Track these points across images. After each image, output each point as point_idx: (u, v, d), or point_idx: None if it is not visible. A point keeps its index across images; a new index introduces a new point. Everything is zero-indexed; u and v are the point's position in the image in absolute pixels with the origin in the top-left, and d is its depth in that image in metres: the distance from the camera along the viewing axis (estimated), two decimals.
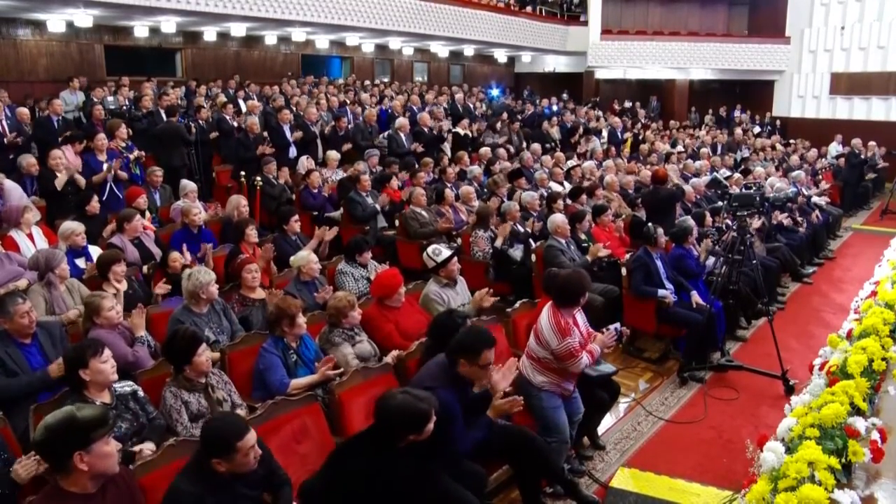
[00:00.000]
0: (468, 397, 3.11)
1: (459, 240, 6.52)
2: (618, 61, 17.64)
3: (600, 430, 4.30)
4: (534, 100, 15.88)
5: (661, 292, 5.30)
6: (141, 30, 11.95)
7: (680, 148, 11.76)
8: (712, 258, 5.86)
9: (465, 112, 12.09)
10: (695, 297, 5.37)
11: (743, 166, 10.99)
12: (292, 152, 8.71)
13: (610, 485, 3.76)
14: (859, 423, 2.25)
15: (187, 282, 3.97)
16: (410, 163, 8.59)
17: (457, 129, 10.68)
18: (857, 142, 12.53)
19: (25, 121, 7.70)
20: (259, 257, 4.91)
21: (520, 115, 13.71)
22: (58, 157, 6.09)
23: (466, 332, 3.16)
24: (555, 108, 14.93)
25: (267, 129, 8.70)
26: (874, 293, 3.70)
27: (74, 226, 4.89)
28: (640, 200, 7.46)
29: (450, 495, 2.79)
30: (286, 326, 3.62)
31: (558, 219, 5.98)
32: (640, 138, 13.20)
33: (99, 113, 8.41)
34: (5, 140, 7.07)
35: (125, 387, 3.10)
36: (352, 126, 9.60)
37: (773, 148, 13.08)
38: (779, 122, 16.92)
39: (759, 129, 16.08)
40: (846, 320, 3.52)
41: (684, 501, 3.60)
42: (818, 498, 1.84)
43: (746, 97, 18.05)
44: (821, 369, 2.90)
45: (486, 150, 9.72)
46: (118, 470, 2.29)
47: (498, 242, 6.13)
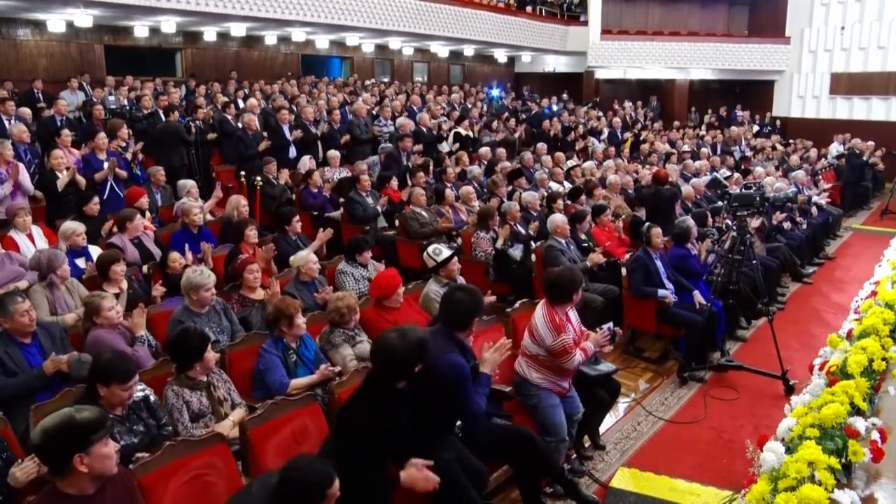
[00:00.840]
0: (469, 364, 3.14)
1: (460, 240, 6.52)
2: (618, 61, 17.64)
3: (600, 430, 4.30)
4: (534, 100, 15.88)
5: (662, 292, 5.30)
6: (141, 30, 11.96)
7: (686, 147, 11.75)
8: (713, 256, 5.86)
9: (463, 112, 12.08)
10: (697, 297, 5.38)
11: (743, 166, 10.99)
12: (292, 152, 8.71)
13: (610, 485, 3.76)
14: (859, 423, 2.24)
15: (183, 280, 3.97)
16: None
17: (458, 129, 10.68)
18: (856, 142, 12.54)
19: (27, 121, 7.69)
20: (259, 257, 4.91)
21: (525, 115, 13.70)
22: (59, 157, 6.09)
23: (460, 305, 3.15)
24: (555, 108, 14.94)
25: (266, 128, 8.69)
26: (874, 293, 3.69)
27: (75, 226, 4.89)
28: (639, 200, 7.45)
29: (450, 475, 2.83)
30: (285, 327, 3.62)
31: (558, 219, 5.98)
32: (641, 138, 13.20)
33: (99, 113, 8.41)
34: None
35: (137, 392, 3.03)
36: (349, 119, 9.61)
37: (774, 148, 13.08)
38: (779, 122, 16.93)
39: (758, 128, 16.08)
40: (846, 320, 3.52)
41: (684, 501, 3.61)
42: (818, 498, 1.84)
43: (746, 97, 18.04)
44: (821, 369, 2.89)
45: (486, 150, 9.71)
46: (117, 471, 2.28)
47: (499, 243, 6.13)
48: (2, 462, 2.72)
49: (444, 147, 10.11)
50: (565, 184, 8.57)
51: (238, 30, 12.35)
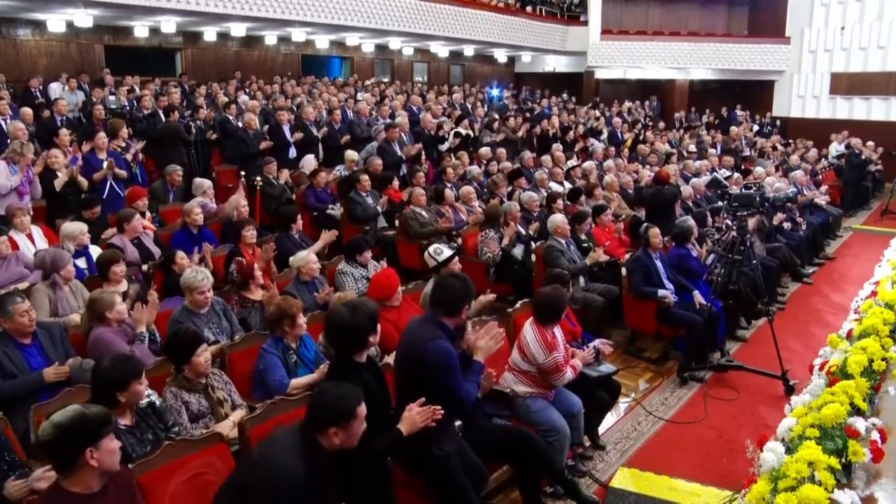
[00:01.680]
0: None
1: (460, 240, 6.52)
2: (618, 61, 17.64)
3: (600, 430, 4.30)
4: (534, 100, 15.87)
5: (661, 292, 5.30)
6: (141, 30, 11.97)
7: (692, 147, 11.74)
8: (713, 256, 5.86)
9: (464, 111, 12.07)
10: (697, 297, 5.38)
11: (743, 166, 10.99)
12: (292, 152, 8.70)
13: (610, 485, 3.76)
14: (859, 423, 2.25)
15: (182, 280, 3.98)
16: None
17: (458, 129, 10.67)
18: (856, 142, 12.53)
19: (28, 121, 7.69)
20: (258, 257, 4.90)
21: (528, 115, 13.70)
22: (56, 156, 6.08)
23: (451, 290, 3.08)
24: (555, 108, 14.92)
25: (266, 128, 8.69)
26: (874, 293, 3.69)
27: (79, 226, 4.87)
28: (640, 201, 7.44)
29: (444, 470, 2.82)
30: (287, 327, 3.62)
31: (558, 219, 5.98)
32: (641, 138, 13.19)
33: (99, 113, 8.41)
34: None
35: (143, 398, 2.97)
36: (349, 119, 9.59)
37: (774, 148, 13.07)
38: (779, 122, 16.93)
39: (757, 127, 16.07)
40: (846, 320, 3.52)
41: (684, 501, 3.61)
42: (818, 498, 1.84)
43: (746, 97, 18.04)
44: (821, 369, 2.89)
45: (486, 150, 9.71)
46: (119, 468, 2.29)
47: (504, 242, 6.13)
48: (5, 465, 2.69)
49: (445, 147, 10.10)
50: (565, 184, 8.57)
51: (238, 30, 12.36)
